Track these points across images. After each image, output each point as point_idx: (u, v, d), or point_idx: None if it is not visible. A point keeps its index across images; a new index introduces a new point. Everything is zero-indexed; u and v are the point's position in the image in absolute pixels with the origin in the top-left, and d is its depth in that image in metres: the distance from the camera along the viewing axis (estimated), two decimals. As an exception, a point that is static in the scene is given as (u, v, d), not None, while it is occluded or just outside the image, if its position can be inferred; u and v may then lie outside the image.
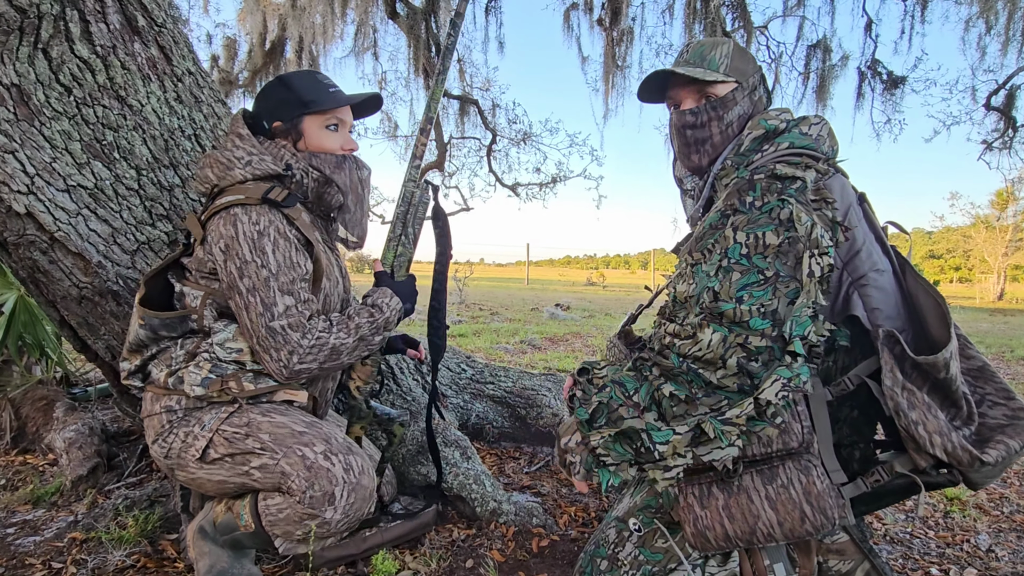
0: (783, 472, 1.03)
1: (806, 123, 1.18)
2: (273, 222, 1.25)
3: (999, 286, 21.34)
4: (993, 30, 7.13)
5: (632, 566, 1.21)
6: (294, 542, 1.26)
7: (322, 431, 1.28)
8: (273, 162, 1.33)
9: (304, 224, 1.30)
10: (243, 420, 1.27)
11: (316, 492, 1.19)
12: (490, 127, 10.36)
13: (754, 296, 0.99)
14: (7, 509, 1.81)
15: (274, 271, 1.23)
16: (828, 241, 1.02)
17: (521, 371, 2.65)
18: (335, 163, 1.38)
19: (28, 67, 1.42)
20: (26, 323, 2.50)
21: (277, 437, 1.25)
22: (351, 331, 1.30)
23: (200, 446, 1.26)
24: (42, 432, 2.29)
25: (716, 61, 1.24)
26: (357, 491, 1.23)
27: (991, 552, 1.73)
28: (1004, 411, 1.06)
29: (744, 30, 7.57)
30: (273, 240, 1.24)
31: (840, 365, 1.13)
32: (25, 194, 1.41)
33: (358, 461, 1.26)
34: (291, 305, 1.24)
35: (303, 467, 1.21)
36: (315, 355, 1.25)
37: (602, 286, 23.31)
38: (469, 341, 5.89)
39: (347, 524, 1.25)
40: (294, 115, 1.36)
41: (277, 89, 1.39)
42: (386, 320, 1.37)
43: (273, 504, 1.25)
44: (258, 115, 1.40)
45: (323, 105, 1.36)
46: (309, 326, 1.25)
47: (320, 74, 1.43)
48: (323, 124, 1.38)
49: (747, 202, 1.08)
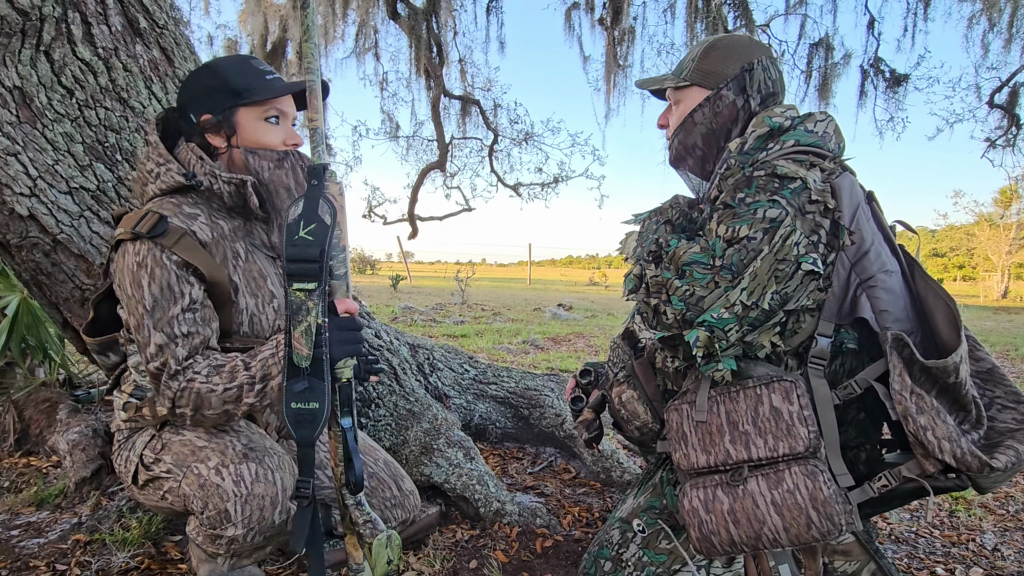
0: (789, 477, 1.02)
1: (811, 120, 1.18)
2: (152, 251, 1.13)
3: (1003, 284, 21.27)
4: (996, 27, 7.11)
5: (636, 567, 1.20)
6: (231, 559, 1.20)
7: (222, 441, 1.19)
8: (178, 171, 1.20)
9: (188, 245, 1.15)
10: (158, 444, 1.23)
11: (211, 511, 1.13)
12: (492, 127, 10.34)
13: (694, 276, 1.05)
14: (11, 511, 1.81)
15: (149, 307, 1.12)
16: (803, 249, 1.04)
17: (524, 371, 2.65)
18: (276, 160, 1.23)
19: (30, 69, 1.42)
20: (29, 325, 2.51)
21: (179, 457, 1.19)
22: (224, 376, 1.12)
23: (132, 471, 1.26)
24: (45, 434, 2.29)
25: (684, 65, 1.30)
26: (251, 502, 1.13)
27: (997, 551, 1.72)
28: (1014, 415, 1.04)
29: (746, 28, 7.56)
30: (149, 271, 1.12)
31: (847, 368, 1.12)
32: (28, 196, 1.41)
33: (251, 468, 1.15)
34: (163, 344, 1.11)
35: (197, 487, 1.15)
36: (186, 400, 1.11)
37: (604, 286, 23.29)
38: (471, 341, 5.89)
39: (259, 534, 1.16)
40: (225, 106, 1.20)
41: (203, 76, 1.23)
42: (263, 370, 1.13)
43: (191, 528, 1.22)
44: (183, 108, 1.24)
45: (259, 95, 1.21)
46: (183, 366, 1.12)
47: (255, 59, 1.28)
48: (261, 116, 1.23)
49: (738, 198, 1.09)
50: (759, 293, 1.03)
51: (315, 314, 1.01)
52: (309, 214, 1.02)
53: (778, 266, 1.03)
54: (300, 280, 1.01)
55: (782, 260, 1.03)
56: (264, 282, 1.28)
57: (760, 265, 1.03)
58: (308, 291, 1.01)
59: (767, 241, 1.03)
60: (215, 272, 1.18)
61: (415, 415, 2.04)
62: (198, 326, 1.15)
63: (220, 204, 1.25)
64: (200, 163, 1.21)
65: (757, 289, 1.03)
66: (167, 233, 1.14)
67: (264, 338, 1.27)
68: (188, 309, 1.14)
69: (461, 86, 9.56)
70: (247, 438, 1.22)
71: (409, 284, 17.81)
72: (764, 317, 1.05)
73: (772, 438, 1.04)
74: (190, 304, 1.15)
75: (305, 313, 1.01)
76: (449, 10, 8.27)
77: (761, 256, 1.03)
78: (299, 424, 1.01)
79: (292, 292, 1.01)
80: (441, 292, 14.12)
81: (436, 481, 1.83)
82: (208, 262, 1.17)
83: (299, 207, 1.03)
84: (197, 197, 1.24)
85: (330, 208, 1.03)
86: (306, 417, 1.01)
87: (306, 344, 1.01)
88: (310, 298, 1.01)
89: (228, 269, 1.22)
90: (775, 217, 1.04)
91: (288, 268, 1.01)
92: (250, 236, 1.30)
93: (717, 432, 1.08)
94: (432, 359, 2.48)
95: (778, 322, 1.06)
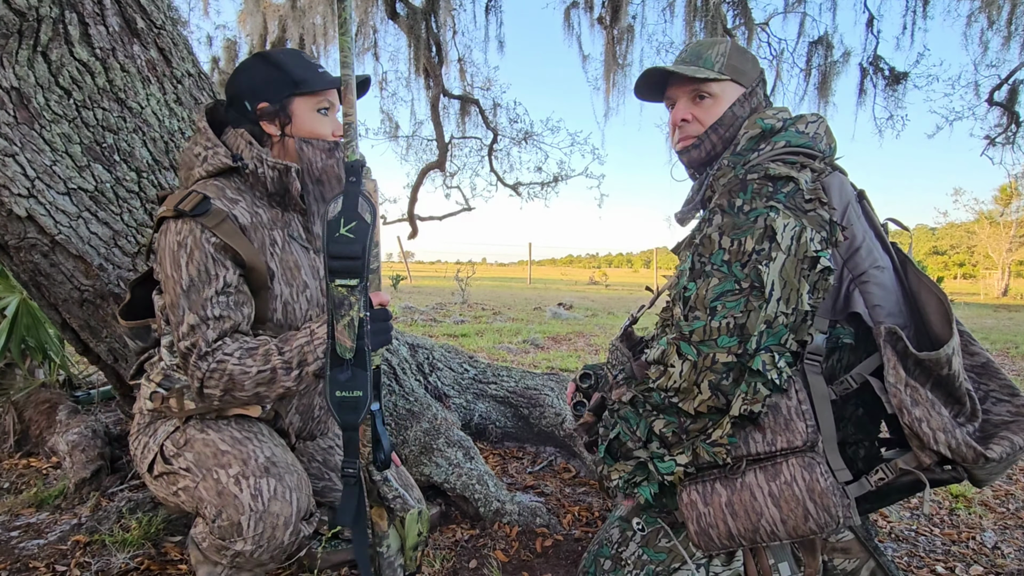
0: (786, 469, 1.03)
1: (803, 121, 1.18)
2: (193, 230, 1.15)
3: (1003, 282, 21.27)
4: (995, 25, 7.11)
5: (636, 566, 1.20)
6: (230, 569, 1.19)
7: (245, 450, 1.19)
8: (225, 154, 1.22)
9: (228, 230, 1.17)
10: (182, 438, 1.23)
11: (223, 521, 1.13)
12: (491, 127, 10.34)
13: (727, 307, 1.04)
14: (11, 512, 1.81)
15: (185, 287, 1.14)
16: (818, 245, 1.03)
17: (524, 371, 2.65)
18: (327, 150, 1.27)
19: (28, 70, 1.42)
20: (28, 326, 2.51)
21: (200, 458, 1.19)
22: (258, 359, 1.15)
23: (149, 459, 1.25)
24: (45, 435, 2.29)
25: (711, 59, 1.24)
26: (265, 519, 1.13)
27: (997, 549, 1.72)
28: (1008, 407, 1.05)
29: (745, 27, 7.56)
30: (188, 251, 1.14)
31: (844, 363, 1.13)
32: (26, 197, 1.41)
33: (270, 485, 1.15)
34: (195, 324, 1.14)
35: (215, 493, 1.14)
36: (216, 380, 1.14)
37: (604, 285, 23.29)
38: (472, 341, 5.89)
39: (267, 553, 1.15)
40: (283, 95, 1.23)
41: (260, 66, 1.25)
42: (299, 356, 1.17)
43: (198, 532, 1.21)
44: (237, 96, 1.26)
45: (315, 85, 1.24)
46: (212, 348, 1.14)
47: (304, 53, 1.30)
48: (315, 107, 1.26)
49: (736, 205, 1.08)
50: (795, 298, 1.03)
51: (357, 308, 1.05)
52: (349, 212, 1.05)
53: (802, 265, 1.03)
54: (342, 276, 1.04)
55: (803, 259, 1.03)
56: (298, 272, 1.30)
57: (784, 269, 1.03)
58: (350, 287, 1.05)
59: (777, 247, 1.03)
60: (253, 257, 1.20)
61: (415, 415, 2.04)
62: (230, 310, 1.17)
63: (262, 191, 1.27)
64: (249, 147, 1.24)
65: (792, 295, 1.03)
66: (209, 213, 1.16)
67: (296, 327, 1.29)
68: (222, 292, 1.16)
69: (460, 85, 9.56)
70: (270, 450, 1.22)
71: (409, 284, 17.81)
72: (800, 319, 1.05)
73: (770, 432, 1.04)
74: (224, 287, 1.17)
75: (348, 308, 1.05)
76: (448, 9, 8.27)
77: (778, 262, 1.03)
78: (343, 410, 1.07)
79: (334, 288, 1.05)
80: (441, 292, 14.13)
81: (436, 481, 1.83)
82: (247, 247, 1.19)
83: (338, 204, 1.06)
84: (240, 183, 1.26)
85: (369, 206, 1.07)
86: (350, 404, 1.07)
87: (349, 336, 1.06)
88: (352, 293, 1.05)
89: (265, 256, 1.24)
90: (776, 224, 1.04)
91: (330, 264, 1.04)
92: (288, 227, 1.32)
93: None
94: (432, 359, 2.48)
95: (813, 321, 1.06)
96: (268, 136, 1.27)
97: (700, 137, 1.25)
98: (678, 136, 1.29)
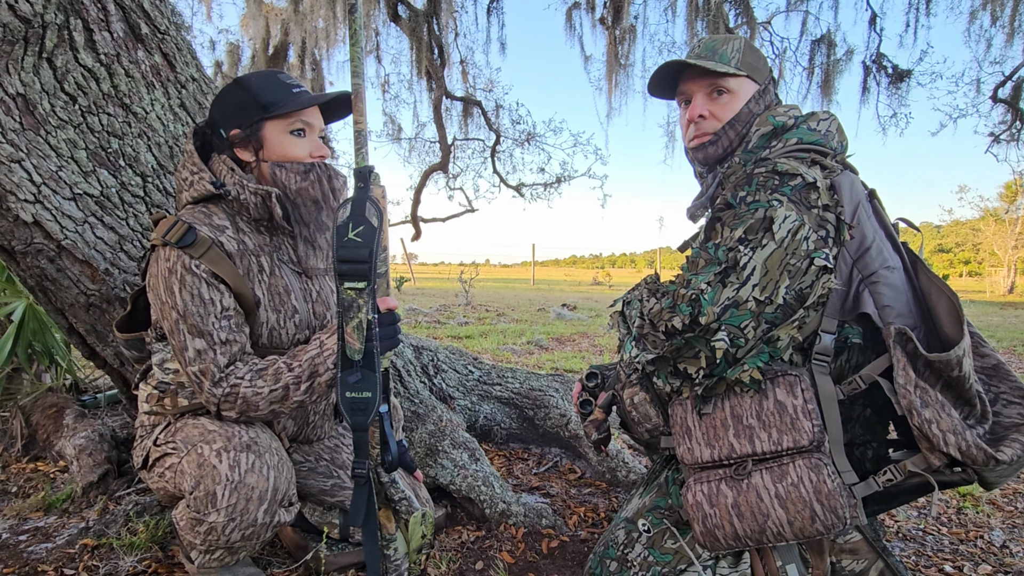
0: (793, 470, 1.02)
1: (814, 119, 1.18)
2: (181, 257, 1.17)
3: (1009, 279, 21.14)
4: (999, 21, 7.08)
5: (642, 567, 1.20)
6: (203, 555, 1.22)
7: (231, 430, 1.20)
8: (210, 180, 1.23)
9: (214, 257, 1.19)
10: (172, 429, 1.28)
11: (200, 492, 1.14)
12: (494, 128, 10.35)
13: (700, 275, 1.08)
14: (19, 516, 1.82)
15: (182, 312, 1.17)
16: (812, 244, 1.03)
17: (528, 372, 2.65)
18: (301, 173, 1.25)
19: (33, 76, 1.42)
20: (35, 331, 2.52)
21: (188, 437, 1.22)
22: (268, 379, 1.18)
23: (143, 455, 1.30)
24: (52, 439, 2.30)
25: (727, 55, 1.23)
26: (240, 490, 1.14)
27: (1005, 548, 1.71)
28: (1019, 409, 1.04)
29: (747, 26, 7.55)
30: (180, 278, 1.16)
31: (852, 363, 1.12)
32: (32, 203, 1.42)
33: (248, 459, 1.16)
34: (202, 349, 1.16)
35: (196, 465, 1.16)
36: (231, 404, 1.18)
37: (608, 285, 23.25)
38: (476, 342, 5.89)
39: (239, 531, 1.16)
40: (252, 120, 1.22)
41: (233, 92, 1.25)
42: (310, 368, 1.19)
43: (178, 512, 1.23)
44: (214, 123, 1.27)
45: (285, 107, 1.22)
46: (224, 373, 1.17)
47: (282, 73, 1.29)
48: (287, 129, 1.25)
49: (739, 197, 1.09)
50: (772, 288, 1.03)
51: (365, 311, 1.07)
52: (357, 216, 1.07)
53: (789, 260, 1.03)
54: (351, 279, 1.07)
55: (793, 254, 1.03)
56: (288, 297, 1.31)
57: (770, 259, 1.03)
58: (358, 290, 1.07)
59: (771, 237, 1.03)
60: (239, 283, 1.22)
61: (420, 417, 2.04)
62: (234, 333, 1.21)
63: (248, 217, 1.28)
64: (231, 173, 1.25)
65: (770, 284, 1.03)
66: (195, 243, 1.18)
67: (283, 350, 1.31)
68: (223, 316, 1.20)
69: (463, 87, 9.58)
70: (256, 433, 1.24)
71: (413, 286, 17.83)
72: (782, 313, 1.05)
73: (776, 432, 1.04)
74: (223, 311, 1.20)
75: (356, 310, 1.07)
76: (450, 12, 8.28)
77: (767, 250, 1.03)
78: (354, 412, 1.09)
79: (343, 291, 1.07)
80: (445, 293, 14.13)
81: (441, 482, 1.83)
82: (232, 273, 1.21)
83: (347, 209, 1.08)
84: (227, 208, 1.27)
85: (376, 211, 1.08)
86: (360, 405, 1.09)
87: (358, 339, 1.08)
88: (360, 296, 1.07)
89: (252, 283, 1.25)
90: (777, 214, 1.04)
91: (339, 268, 1.06)
92: (278, 251, 1.33)
93: (721, 426, 1.08)
94: (436, 360, 2.48)
95: (799, 319, 1.05)
96: (245, 162, 1.27)
97: (717, 133, 1.24)
98: (693, 132, 1.28)
